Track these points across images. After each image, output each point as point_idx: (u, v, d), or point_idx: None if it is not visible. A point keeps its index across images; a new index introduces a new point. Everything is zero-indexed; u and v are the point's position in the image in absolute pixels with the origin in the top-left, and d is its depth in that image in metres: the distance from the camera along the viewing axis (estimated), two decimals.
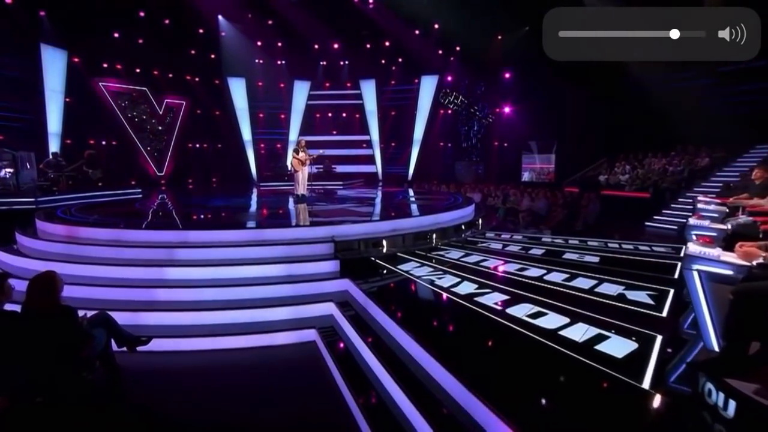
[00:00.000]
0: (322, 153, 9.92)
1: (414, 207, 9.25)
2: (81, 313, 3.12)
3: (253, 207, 9.61)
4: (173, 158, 16.73)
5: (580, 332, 3.24)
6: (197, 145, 17.52)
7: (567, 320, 3.49)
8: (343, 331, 4.16)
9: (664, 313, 3.60)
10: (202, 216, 7.65)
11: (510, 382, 2.58)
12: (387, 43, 16.92)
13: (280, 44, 17.29)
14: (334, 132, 19.18)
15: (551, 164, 16.57)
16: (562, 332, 3.26)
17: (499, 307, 3.85)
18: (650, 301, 3.94)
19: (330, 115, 19.35)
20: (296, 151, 9.57)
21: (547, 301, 4.00)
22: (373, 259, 5.72)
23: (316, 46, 17.47)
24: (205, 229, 5.96)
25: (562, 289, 4.40)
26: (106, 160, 13.89)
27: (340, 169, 17.78)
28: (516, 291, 4.35)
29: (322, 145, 10.70)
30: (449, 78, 17.76)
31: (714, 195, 6.77)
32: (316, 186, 14.45)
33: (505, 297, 4.15)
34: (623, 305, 3.86)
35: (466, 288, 4.50)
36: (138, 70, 15.01)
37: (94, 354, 2.87)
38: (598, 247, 6.72)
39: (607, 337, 3.13)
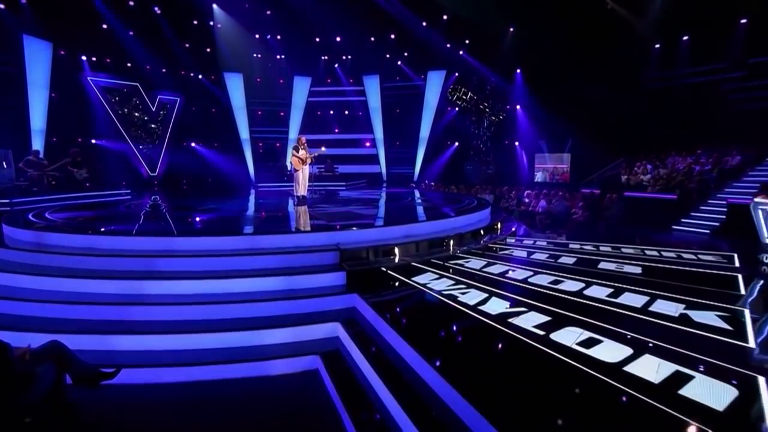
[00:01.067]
0: (324, 151, 9.33)
1: (426, 210, 8.65)
2: (25, 344, 2.53)
3: (249, 210, 9.01)
4: (167, 158, 16.22)
5: (651, 368, 2.63)
6: (192, 144, 17.02)
7: (629, 351, 2.89)
8: (352, 359, 3.56)
9: (751, 342, 2.98)
10: (191, 220, 7.07)
11: None
12: (392, 36, 16.36)
13: (279, 37, 16.76)
14: (336, 130, 18.65)
15: (565, 164, 16.05)
16: (627, 368, 2.66)
17: (541, 333, 3.24)
18: (724, 325, 3.33)
19: (332, 112, 18.90)
20: (296, 149, 9.01)
21: (597, 323, 3.39)
22: (384, 269, 5.13)
23: (318, 40, 16.94)
24: (192, 236, 5.36)
25: (609, 308, 3.79)
26: (93, 160, 13.35)
27: (342, 169, 17.29)
28: (556, 310, 3.74)
29: (323, 144, 10.08)
30: (457, 73, 17.15)
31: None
32: (317, 187, 13.89)
33: (546, 318, 3.55)
34: (692, 330, 3.25)
35: (497, 306, 3.89)
36: (129, 65, 14.48)
37: (35, 398, 2.27)
38: (636, 255, 6.11)
39: (691, 377, 2.51)
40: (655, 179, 12.14)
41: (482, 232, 7.06)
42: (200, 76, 16.50)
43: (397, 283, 4.73)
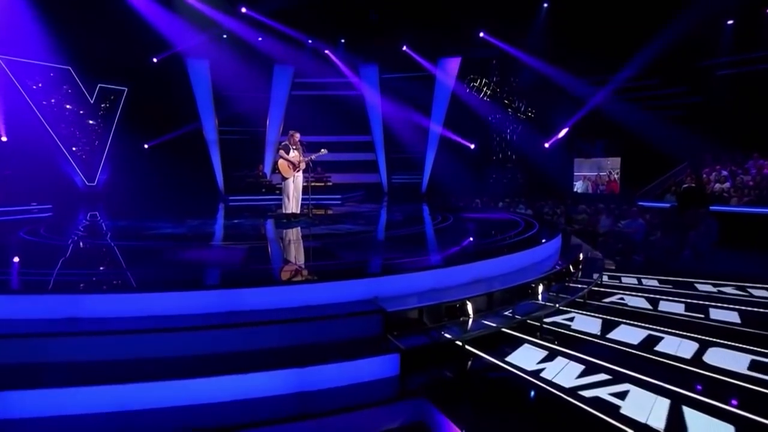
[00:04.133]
0: (325, 152, 7.61)
1: (476, 237, 6.95)
2: None
3: (218, 238, 7.05)
4: (110, 164, 14.52)
5: None
6: (144, 147, 15.33)
7: None
8: None
9: None
10: (125, 260, 5.12)
11: None
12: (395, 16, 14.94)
13: (255, 15, 15.15)
14: (326, 131, 16.97)
15: (607, 171, 14.89)
16: None
17: None
18: None
19: (320, 109, 17.20)
20: (285, 148, 7.25)
21: None
22: (460, 344, 3.42)
23: (303, 20, 15.42)
24: (121, 291, 3.49)
25: None
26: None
27: (334, 178, 15.81)
28: None
29: (322, 146, 8.24)
30: (474, 60, 16.06)
31: None
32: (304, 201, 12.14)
33: None
34: None
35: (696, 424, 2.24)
36: (58, 43, 12.49)
37: None
38: None
39: None
40: (737, 189, 10.87)
41: (572, 268, 5.41)
42: (155, 60, 14.70)
43: (490, 373, 3.08)
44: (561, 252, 6.08)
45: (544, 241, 5.57)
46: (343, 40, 16.27)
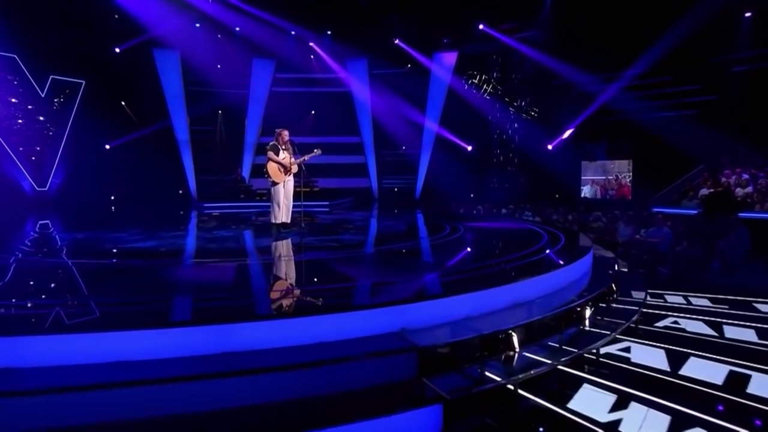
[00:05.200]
0: (318, 153, 7.11)
1: (498, 251, 6.50)
2: None
3: (197, 254, 6.33)
4: (64, 166, 13.78)
5: None
6: (105, 147, 14.71)
7: None
8: None
9: None
10: (78, 283, 4.44)
11: None
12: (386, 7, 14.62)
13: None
14: (312, 132, 16.81)
15: (614, 174, 14.88)
16: None
17: None
18: None
19: (304, 107, 17.27)
20: (273, 149, 6.69)
21: None
22: (511, 388, 2.94)
23: (286, 7, 14.99)
24: (70, 330, 2.87)
25: None
26: None
27: (320, 183, 15.34)
28: None
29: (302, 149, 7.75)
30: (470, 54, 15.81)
31: None
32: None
33: None
34: None
35: None
36: (2, 27, 11.69)
37: None
38: None
39: None
40: (760, 193, 10.76)
41: (615, 287, 4.99)
42: (117, 50, 14.08)
43: (551, 426, 2.66)
44: (593, 267, 5.68)
45: (581, 255, 5.13)
46: (329, 31, 15.92)
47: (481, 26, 14.79)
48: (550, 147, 15.88)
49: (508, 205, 13.86)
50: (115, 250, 5.97)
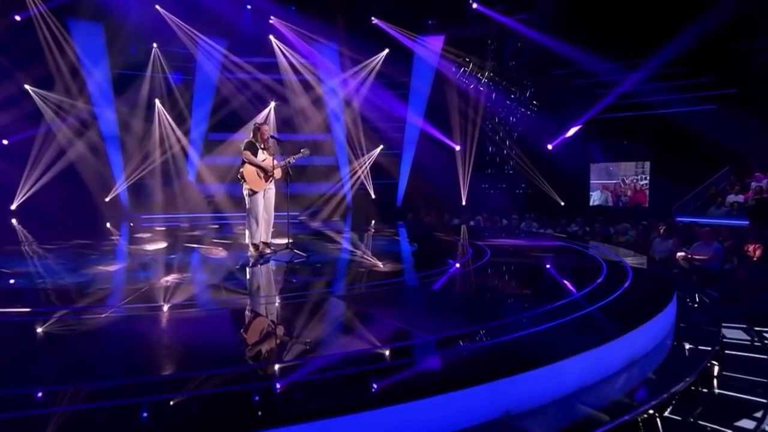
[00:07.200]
0: (307, 154, 6.17)
1: (560, 286, 5.50)
2: None
3: (147, 296, 4.71)
4: None
5: None
6: (2, 142, 13.72)
7: None
8: None
9: None
10: None
11: None
12: None
13: None
14: (270, 127, 16.08)
15: (628, 179, 14.94)
16: None
17: None
18: None
19: (261, 98, 16.50)
20: (251, 147, 5.66)
21: None
22: None
23: None
24: None
25: None
26: None
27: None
28: None
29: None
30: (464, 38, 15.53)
31: None
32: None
33: None
34: None
35: None
36: None
37: None
38: None
39: None
40: None
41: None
42: (18, 18, 12.84)
43: None
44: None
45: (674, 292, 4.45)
46: (293, 6, 15.48)
47: (474, 5, 14.53)
48: (550, 147, 15.77)
49: (510, 215, 13.56)
50: (14, 288, 4.71)
